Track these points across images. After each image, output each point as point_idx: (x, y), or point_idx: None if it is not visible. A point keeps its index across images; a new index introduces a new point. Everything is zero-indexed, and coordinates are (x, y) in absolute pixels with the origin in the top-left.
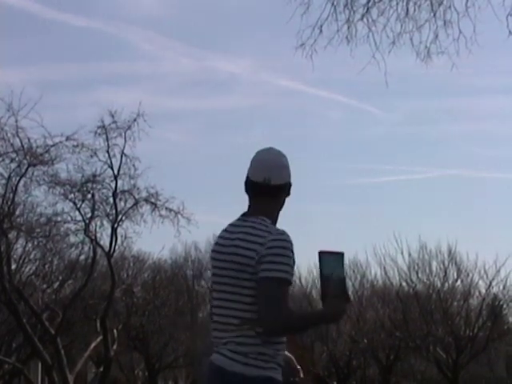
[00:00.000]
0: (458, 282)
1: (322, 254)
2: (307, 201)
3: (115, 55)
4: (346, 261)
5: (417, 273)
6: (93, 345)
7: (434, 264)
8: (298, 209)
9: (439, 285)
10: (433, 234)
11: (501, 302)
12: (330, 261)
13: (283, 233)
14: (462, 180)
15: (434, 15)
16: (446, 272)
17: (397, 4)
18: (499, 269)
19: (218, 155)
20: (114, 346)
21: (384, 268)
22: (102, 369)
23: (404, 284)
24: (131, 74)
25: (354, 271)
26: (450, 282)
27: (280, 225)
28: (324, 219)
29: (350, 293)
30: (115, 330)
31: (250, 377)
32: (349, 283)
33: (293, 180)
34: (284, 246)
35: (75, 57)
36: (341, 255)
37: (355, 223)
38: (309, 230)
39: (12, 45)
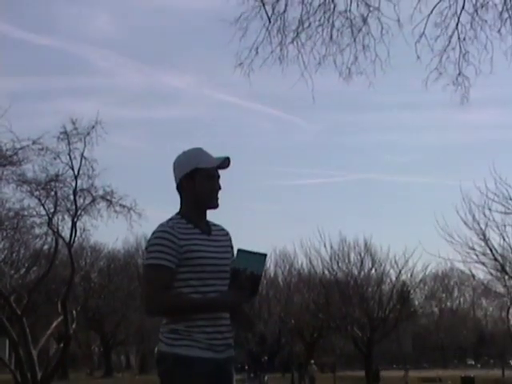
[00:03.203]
0: (373, 270)
1: (239, 250)
2: (244, 200)
3: (74, 71)
4: (276, 251)
5: (337, 262)
6: (54, 324)
7: (352, 255)
8: (233, 206)
9: (356, 273)
10: (351, 229)
11: (408, 288)
12: (248, 259)
13: (157, 227)
14: (376, 183)
15: (354, 40)
16: (362, 262)
17: (322, 30)
18: (407, 259)
19: (165, 159)
20: (73, 325)
21: (309, 258)
22: (62, 345)
23: (326, 272)
24: (89, 87)
25: (283, 261)
26: (366, 270)
27: (219, 221)
28: (258, 216)
29: (259, 287)
30: (74, 311)
31: (160, 351)
32: (262, 281)
33: (229, 182)
34: (150, 238)
35: (39, 71)
36: (263, 256)
37: (285, 219)
38: (246, 225)
39: None
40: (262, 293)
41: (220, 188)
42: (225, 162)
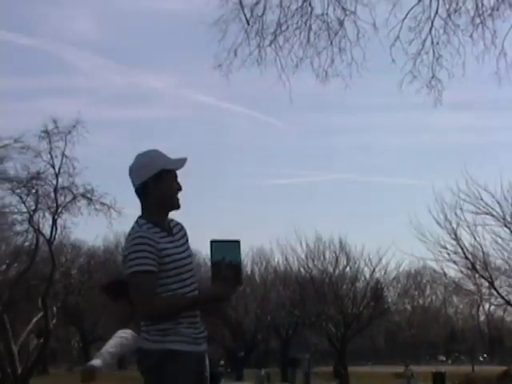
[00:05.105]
0: (347, 268)
1: (212, 242)
2: (220, 199)
3: (55, 71)
4: (253, 250)
5: (313, 260)
6: (34, 320)
7: (328, 253)
8: (211, 205)
9: (331, 271)
10: (326, 228)
11: (382, 286)
12: (223, 248)
13: (130, 231)
14: (351, 183)
15: (331, 43)
16: (337, 260)
17: (300, 33)
18: (381, 258)
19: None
20: (54, 321)
21: (285, 256)
22: (42, 340)
23: (302, 270)
24: (70, 87)
25: (260, 258)
26: (341, 268)
27: (192, 219)
28: (234, 215)
29: (242, 276)
30: (54, 308)
31: (145, 349)
32: (243, 268)
33: (202, 181)
34: (126, 246)
35: (20, 72)
36: (237, 243)
37: (261, 218)
38: (221, 223)
39: None
40: (239, 290)
41: (181, 189)
42: (184, 163)
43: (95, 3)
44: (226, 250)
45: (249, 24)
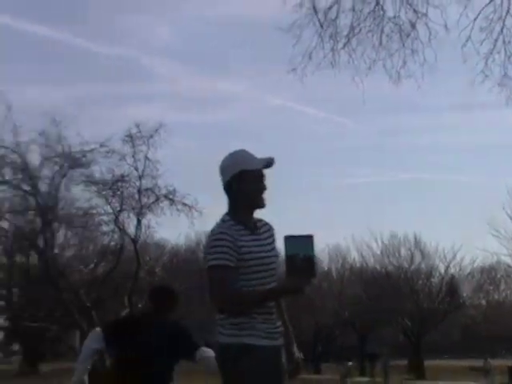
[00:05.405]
0: (422, 264)
1: (286, 237)
2: (295, 198)
3: (137, 78)
4: (330, 247)
5: (388, 257)
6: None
7: (403, 250)
8: (288, 205)
9: (406, 266)
10: (402, 226)
11: (457, 281)
12: (296, 243)
13: (213, 227)
14: (426, 182)
15: (403, 45)
16: (412, 256)
17: (372, 36)
18: (456, 254)
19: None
20: None
21: (361, 253)
22: None
23: (378, 266)
24: (151, 93)
25: (336, 255)
26: (416, 264)
27: (281, 218)
28: (309, 213)
29: (316, 268)
30: (140, 305)
31: (222, 343)
32: (317, 261)
33: (279, 182)
34: (207, 241)
35: (104, 79)
36: (310, 237)
37: (338, 217)
38: (297, 222)
39: (54, 69)
40: (316, 286)
41: (265, 188)
42: (269, 163)
43: (173, 11)
44: (299, 245)
45: (322, 28)
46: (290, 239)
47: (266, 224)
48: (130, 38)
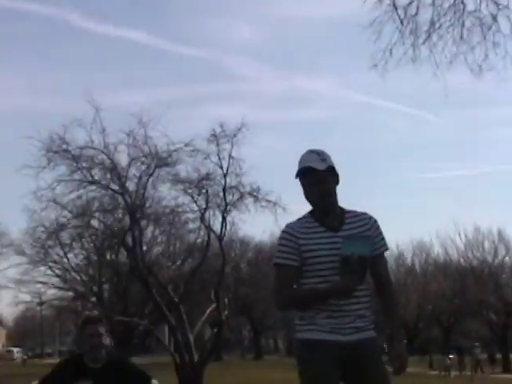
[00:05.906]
0: (507, 258)
1: (343, 237)
2: (378, 194)
3: (220, 78)
4: (413, 242)
5: (472, 251)
6: (208, 311)
7: (486, 243)
8: (371, 201)
9: (491, 260)
10: (485, 219)
11: None
12: (353, 243)
13: (283, 227)
14: (509, 174)
15: (484, 38)
16: (496, 250)
17: (453, 30)
18: None
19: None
20: (226, 312)
21: (445, 247)
22: (216, 330)
23: (461, 260)
24: (233, 93)
25: (420, 251)
26: (500, 258)
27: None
28: (393, 209)
29: (366, 270)
30: (226, 299)
31: (295, 338)
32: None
33: (362, 178)
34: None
35: (188, 80)
36: (366, 238)
37: (421, 212)
38: (381, 218)
39: (138, 72)
40: (401, 281)
41: (320, 190)
42: (304, 172)
43: (253, 12)
44: (356, 246)
45: (403, 24)
46: (346, 239)
47: (362, 220)
48: (210, 39)
